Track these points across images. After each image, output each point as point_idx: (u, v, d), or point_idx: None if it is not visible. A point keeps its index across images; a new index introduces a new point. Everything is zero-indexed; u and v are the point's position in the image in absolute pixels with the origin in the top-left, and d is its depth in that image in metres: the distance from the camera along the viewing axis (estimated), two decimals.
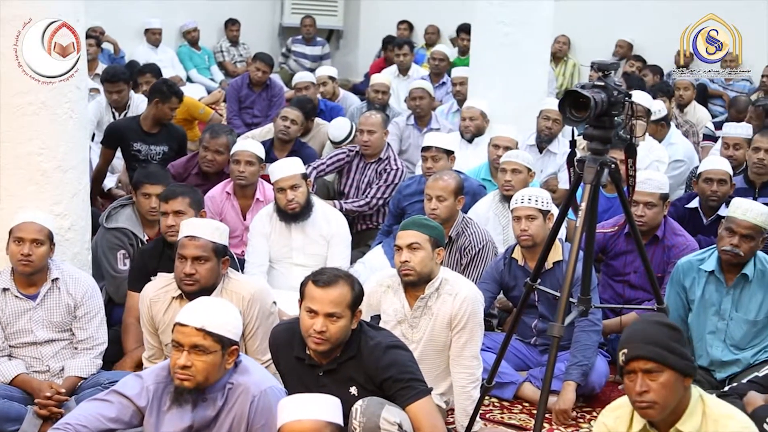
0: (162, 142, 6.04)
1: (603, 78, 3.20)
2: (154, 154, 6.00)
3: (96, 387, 3.75)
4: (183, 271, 3.70)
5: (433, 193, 4.76)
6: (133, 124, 6.10)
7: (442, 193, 4.74)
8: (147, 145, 6.01)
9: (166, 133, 6.09)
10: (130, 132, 6.04)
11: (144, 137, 6.02)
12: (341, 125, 6.69)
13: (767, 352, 4.14)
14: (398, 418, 3.19)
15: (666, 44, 9.98)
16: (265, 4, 12.00)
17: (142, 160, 5.94)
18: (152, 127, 6.04)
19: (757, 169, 5.43)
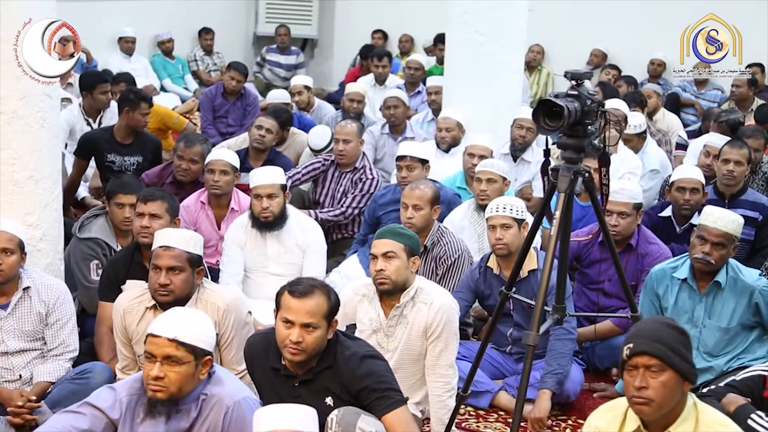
0: (136, 153, 6.02)
1: (576, 87, 3.23)
2: (128, 164, 5.98)
3: (63, 382, 3.80)
4: (157, 282, 3.68)
5: (409, 202, 4.77)
6: (107, 134, 6.08)
7: (419, 202, 4.75)
8: (121, 156, 5.99)
9: (140, 143, 6.07)
10: (103, 143, 6.01)
11: (118, 148, 6.00)
12: (321, 133, 6.68)
13: (740, 360, 4.19)
14: (374, 427, 3.18)
15: (640, 53, 10.11)
16: (239, 13, 11.99)
17: (116, 170, 5.91)
18: (126, 137, 6.03)
19: (727, 181, 5.47)
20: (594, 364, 4.73)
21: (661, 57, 10.07)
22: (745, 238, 5.03)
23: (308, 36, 12.12)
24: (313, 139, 6.67)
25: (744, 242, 5.06)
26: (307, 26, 12.01)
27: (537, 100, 9.21)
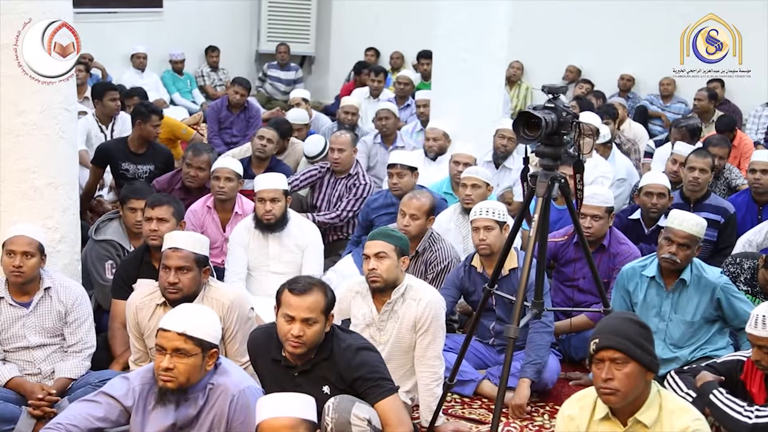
0: (148, 162, 6.01)
1: (553, 100, 3.23)
2: (141, 172, 5.98)
3: (86, 386, 3.72)
4: (167, 281, 3.68)
5: (408, 211, 4.76)
6: (122, 145, 6.07)
7: (416, 212, 4.74)
8: (134, 165, 5.99)
9: (152, 153, 6.07)
10: (118, 152, 6.01)
11: (132, 157, 5.99)
12: (316, 141, 6.71)
13: (703, 350, 4.20)
14: (368, 414, 3.19)
15: (611, 69, 10.14)
16: (242, 32, 11.99)
17: (130, 178, 5.91)
18: (139, 147, 6.02)
19: (692, 187, 5.48)
20: (570, 354, 4.73)
21: (630, 73, 10.11)
22: (708, 239, 5.06)
23: (306, 53, 12.12)
24: (308, 147, 6.68)
25: (707, 243, 5.08)
26: (306, 44, 12.02)
27: (517, 112, 9.24)
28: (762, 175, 5.49)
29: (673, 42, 9.64)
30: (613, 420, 2.78)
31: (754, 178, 5.52)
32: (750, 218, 5.49)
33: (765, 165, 5.51)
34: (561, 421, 2.92)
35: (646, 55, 9.99)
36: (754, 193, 5.56)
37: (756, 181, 5.51)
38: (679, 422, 2.71)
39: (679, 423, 2.71)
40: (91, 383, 3.72)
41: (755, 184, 5.52)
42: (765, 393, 3.35)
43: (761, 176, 5.49)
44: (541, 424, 4.09)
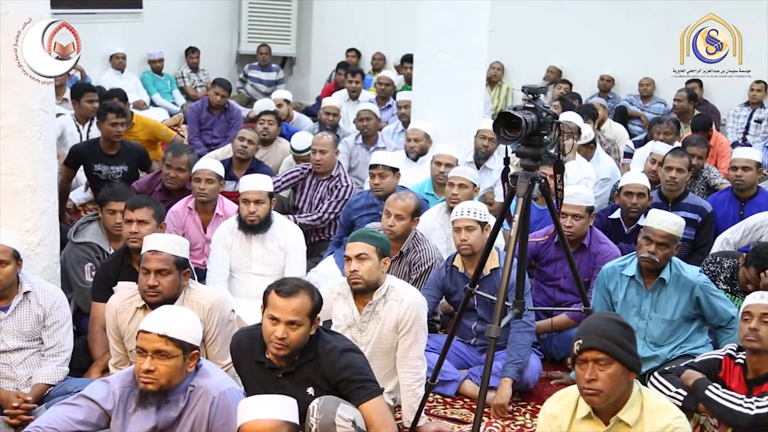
0: (121, 162, 5.99)
1: (533, 101, 3.24)
2: (114, 173, 5.96)
3: (65, 395, 3.66)
4: (147, 284, 3.66)
5: (393, 211, 4.75)
6: (94, 146, 6.05)
7: (402, 213, 4.74)
8: (107, 166, 5.97)
9: (125, 154, 6.04)
10: (91, 154, 5.99)
11: (104, 158, 5.97)
12: (303, 137, 6.72)
13: (682, 348, 4.22)
14: (352, 415, 3.18)
15: (591, 70, 10.19)
16: (223, 33, 11.94)
17: (103, 180, 5.88)
18: (110, 148, 6.00)
19: (670, 186, 5.52)
20: (551, 354, 4.75)
21: (610, 73, 10.16)
22: (686, 238, 5.09)
23: (287, 54, 12.09)
24: (296, 143, 6.69)
25: (686, 242, 5.12)
26: (287, 45, 12.00)
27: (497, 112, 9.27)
28: (743, 172, 5.54)
29: (653, 43, 9.79)
30: (595, 419, 2.80)
31: (736, 175, 5.57)
32: (732, 214, 5.55)
33: (746, 162, 5.56)
34: (543, 420, 2.92)
35: (625, 55, 10.05)
36: (736, 189, 5.61)
37: (738, 178, 5.56)
38: (661, 420, 2.73)
39: (661, 421, 2.72)
40: (69, 391, 3.68)
41: (737, 180, 5.58)
42: (744, 387, 3.38)
43: (742, 173, 5.54)
44: (523, 424, 4.10)
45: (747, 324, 3.40)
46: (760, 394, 3.29)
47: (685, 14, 9.30)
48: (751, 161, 5.57)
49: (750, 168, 5.54)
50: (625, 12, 9.89)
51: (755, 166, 5.56)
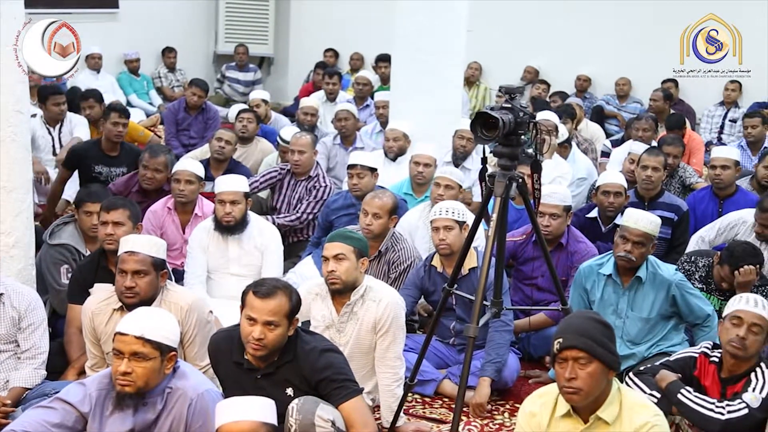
0: (122, 164, 5.97)
1: (510, 101, 3.25)
2: (115, 175, 5.92)
3: (42, 397, 3.63)
4: (123, 285, 3.63)
5: (370, 210, 4.75)
6: (95, 147, 6.02)
7: (379, 211, 4.74)
8: (108, 167, 5.94)
9: (125, 155, 6.03)
10: (91, 155, 5.96)
11: (105, 160, 5.95)
12: (292, 130, 6.67)
13: (659, 346, 4.26)
14: (332, 415, 3.18)
15: (568, 70, 10.25)
16: (200, 33, 11.89)
17: (102, 181, 5.83)
18: (111, 149, 5.98)
19: (646, 185, 5.56)
20: (529, 352, 4.77)
21: (586, 73, 10.23)
22: (662, 237, 5.13)
23: (265, 54, 12.07)
24: (284, 134, 6.64)
25: (662, 240, 5.16)
26: (264, 45, 11.97)
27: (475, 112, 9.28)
28: (722, 171, 5.60)
29: (630, 43, 9.86)
30: (575, 417, 2.81)
31: (715, 174, 5.63)
32: (712, 211, 5.61)
33: (724, 161, 5.61)
34: (522, 418, 2.94)
35: (602, 55, 10.12)
36: (716, 188, 5.67)
37: (717, 177, 5.62)
38: (639, 418, 2.75)
39: (639, 419, 2.74)
40: (46, 393, 3.65)
41: (716, 179, 5.63)
42: (718, 385, 3.41)
43: (721, 172, 5.60)
44: (502, 422, 4.11)
45: (736, 330, 3.36)
46: (732, 395, 3.31)
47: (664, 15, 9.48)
48: (729, 160, 5.63)
49: (729, 167, 5.60)
50: (602, 12, 9.95)
51: (734, 164, 5.63)
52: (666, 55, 9.53)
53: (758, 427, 3.23)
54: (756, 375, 3.32)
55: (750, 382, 3.31)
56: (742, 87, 9.27)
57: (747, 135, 7.20)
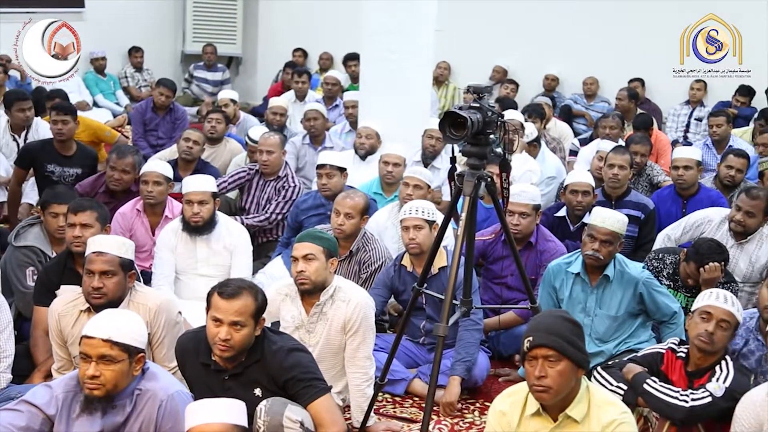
0: (76, 165, 5.91)
1: (478, 100, 3.27)
2: (67, 175, 5.85)
3: (7, 401, 3.58)
4: (90, 285, 3.60)
5: (342, 210, 4.75)
6: (48, 146, 5.94)
7: (351, 211, 4.74)
8: (61, 167, 5.87)
9: (81, 156, 5.96)
10: (44, 153, 5.89)
11: (59, 159, 5.88)
12: (261, 130, 6.65)
13: (627, 344, 4.30)
14: (300, 416, 3.18)
15: (536, 69, 10.32)
16: (167, 32, 11.80)
17: (54, 181, 5.77)
18: (67, 149, 5.92)
19: (612, 184, 5.62)
20: (499, 351, 4.79)
21: (554, 73, 10.30)
22: (629, 235, 5.19)
23: (233, 54, 12.01)
24: (253, 134, 6.61)
25: (629, 239, 5.22)
26: (232, 45, 11.92)
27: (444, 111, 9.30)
28: (685, 171, 5.66)
29: (597, 42, 9.95)
30: (544, 415, 2.83)
31: (678, 174, 5.69)
32: (675, 211, 5.67)
33: (687, 161, 5.68)
34: (492, 417, 2.95)
35: (570, 55, 10.20)
36: (678, 188, 5.74)
37: (679, 177, 5.68)
38: (607, 416, 2.78)
39: (607, 416, 2.77)
40: (12, 397, 3.60)
41: (679, 180, 5.70)
42: (685, 380, 3.45)
43: (684, 172, 5.66)
44: (472, 421, 4.14)
45: (705, 324, 3.39)
46: (698, 386, 3.36)
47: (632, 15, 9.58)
48: (692, 160, 5.70)
49: (691, 167, 5.67)
50: (570, 11, 10.03)
51: (696, 164, 5.70)
52: (633, 55, 9.69)
53: (722, 416, 3.27)
54: (720, 367, 3.38)
55: (714, 374, 3.36)
56: (707, 86, 9.40)
57: (712, 134, 7.30)
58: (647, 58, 9.64)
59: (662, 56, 9.45)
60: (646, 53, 9.65)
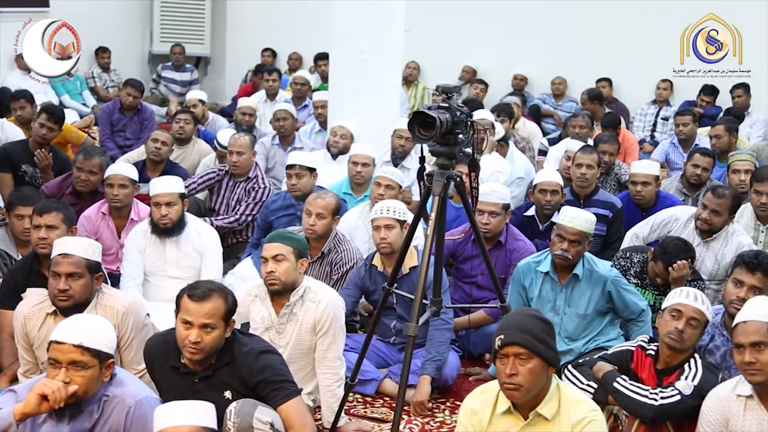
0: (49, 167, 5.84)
1: (447, 100, 3.27)
2: (40, 177, 5.79)
3: None
4: (57, 288, 3.55)
5: (313, 210, 4.74)
6: (23, 147, 5.91)
7: (323, 212, 4.73)
8: (34, 168, 5.83)
9: (54, 159, 5.91)
10: (20, 154, 5.86)
11: (33, 160, 5.85)
12: (229, 134, 6.55)
13: (596, 342, 4.33)
14: (270, 417, 3.16)
15: (505, 69, 10.37)
16: (134, 32, 11.69)
17: (27, 182, 5.70)
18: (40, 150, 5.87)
19: (580, 183, 5.64)
20: (469, 350, 4.81)
21: (523, 72, 10.35)
22: (598, 234, 5.22)
23: (202, 54, 11.93)
24: (222, 138, 6.54)
25: (597, 237, 5.25)
26: (201, 45, 11.83)
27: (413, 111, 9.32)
28: (643, 188, 5.60)
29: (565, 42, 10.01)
30: (515, 414, 2.84)
31: (636, 190, 5.64)
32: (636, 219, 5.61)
33: (645, 177, 5.62)
34: (464, 415, 2.96)
35: (538, 55, 10.26)
36: (637, 203, 5.69)
37: (638, 194, 5.63)
38: (577, 413, 2.79)
39: (577, 414, 2.79)
40: None
41: (637, 196, 5.65)
42: (654, 377, 3.48)
43: (642, 188, 5.61)
44: (443, 420, 4.14)
45: (675, 322, 3.41)
46: (667, 384, 3.39)
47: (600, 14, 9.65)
48: (650, 176, 5.62)
49: (649, 183, 5.60)
50: (538, 12, 10.09)
51: (654, 179, 5.63)
52: (600, 54, 9.76)
53: (691, 414, 3.31)
54: (689, 365, 3.41)
55: (683, 372, 3.39)
56: (674, 85, 9.50)
57: (679, 133, 7.37)
58: (614, 58, 9.73)
59: (629, 56, 9.56)
60: (614, 53, 9.74)
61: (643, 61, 9.55)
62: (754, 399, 3.12)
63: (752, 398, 3.12)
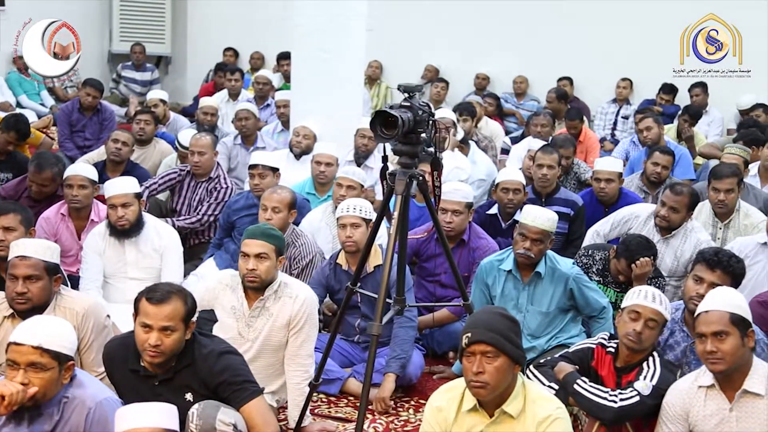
0: (6, 170, 5.80)
1: (409, 99, 3.28)
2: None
3: None
4: (14, 290, 3.51)
5: (269, 205, 4.73)
6: None
7: (278, 205, 4.73)
8: None
9: (12, 161, 5.86)
10: None
11: None
12: (190, 134, 6.49)
13: (558, 339, 4.37)
14: (233, 419, 3.15)
15: (467, 69, 10.41)
16: (93, 31, 11.52)
17: None
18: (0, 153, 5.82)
19: (542, 183, 5.68)
20: (433, 348, 4.82)
21: (485, 72, 10.41)
22: (559, 232, 5.25)
23: (162, 53, 11.80)
24: (183, 138, 6.48)
25: (559, 235, 5.29)
26: (161, 44, 11.71)
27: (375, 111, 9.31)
28: (607, 185, 5.66)
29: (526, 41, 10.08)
30: (480, 411, 2.86)
31: (600, 187, 5.70)
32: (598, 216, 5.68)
33: (609, 174, 5.67)
34: (429, 413, 2.97)
35: (500, 54, 10.32)
36: (600, 200, 5.75)
37: (601, 191, 5.69)
38: (542, 411, 2.83)
39: (542, 411, 2.82)
40: None
41: (600, 193, 5.70)
42: (614, 375, 3.53)
43: (606, 185, 5.67)
44: (407, 419, 4.15)
45: (633, 324, 3.45)
46: (626, 383, 3.43)
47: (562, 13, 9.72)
48: (613, 173, 5.68)
49: (613, 180, 5.67)
50: (500, 11, 10.13)
51: (617, 177, 5.70)
52: (562, 54, 9.85)
53: (650, 414, 3.35)
54: (648, 364, 3.45)
55: (642, 371, 3.43)
56: (633, 84, 9.61)
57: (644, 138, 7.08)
58: (575, 58, 9.83)
59: (590, 54, 9.66)
60: (574, 52, 9.83)
61: (603, 60, 9.65)
62: (715, 388, 3.18)
63: (713, 387, 3.18)
